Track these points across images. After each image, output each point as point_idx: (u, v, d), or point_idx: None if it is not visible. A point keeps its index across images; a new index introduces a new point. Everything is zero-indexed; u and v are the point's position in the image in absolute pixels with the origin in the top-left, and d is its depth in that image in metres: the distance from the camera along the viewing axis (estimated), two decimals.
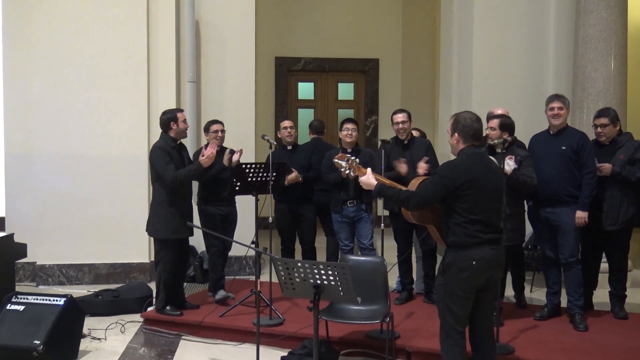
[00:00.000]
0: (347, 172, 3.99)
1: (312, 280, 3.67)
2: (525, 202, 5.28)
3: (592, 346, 4.62)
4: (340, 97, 10.99)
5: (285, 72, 10.65)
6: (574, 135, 5.14)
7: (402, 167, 5.48)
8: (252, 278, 7.00)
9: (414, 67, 10.71)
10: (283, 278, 3.75)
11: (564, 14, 7.46)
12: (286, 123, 6.26)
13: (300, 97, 10.93)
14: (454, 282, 3.61)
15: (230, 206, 5.88)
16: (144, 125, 6.95)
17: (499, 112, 5.36)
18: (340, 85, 10.96)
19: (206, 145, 5.74)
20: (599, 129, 5.27)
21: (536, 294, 6.42)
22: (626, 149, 5.20)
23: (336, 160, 4.05)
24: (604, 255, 5.51)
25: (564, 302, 5.32)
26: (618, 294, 5.36)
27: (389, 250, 6.37)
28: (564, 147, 5.05)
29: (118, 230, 6.94)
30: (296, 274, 3.69)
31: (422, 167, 5.41)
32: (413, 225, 5.37)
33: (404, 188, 3.93)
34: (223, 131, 5.86)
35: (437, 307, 3.78)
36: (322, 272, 3.62)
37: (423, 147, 5.75)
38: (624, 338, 4.78)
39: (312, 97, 10.95)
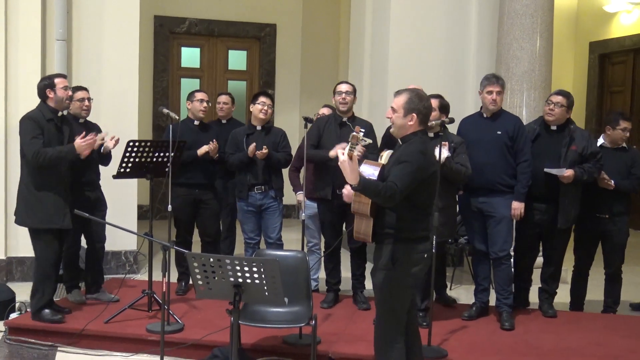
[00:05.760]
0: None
1: (232, 279, 3.62)
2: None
3: (526, 347, 4.93)
4: (230, 67, 10.88)
5: (167, 34, 10.37)
6: (510, 120, 5.41)
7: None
8: (137, 277, 6.82)
9: (316, 35, 10.78)
10: (198, 277, 3.68)
11: None
12: (201, 95, 6.14)
13: (183, 64, 10.72)
14: (405, 277, 3.73)
15: (97, 190, 5.77)
16: (0, 92, 6.50)
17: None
18: (231, 52, 10.85)
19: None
20: (552, 107, 5.39)
21: (455, 292, 6.73)
22: (579, 141, 5.39)
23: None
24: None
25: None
26: (550, 292, 5.73)
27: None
28: (499, 132, 5.30)
29: None
30: (214, 272, 3.63)
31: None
32: (343, 214, 5.42)
33: None
34: (90, 99, 5.70)
35: (377, 307, 3.86)
36: (246, 268, 3.59)
37: (363, 129, 5.55)
38: (557, 337, 5.15)
39: (198, 66, 10.76)
